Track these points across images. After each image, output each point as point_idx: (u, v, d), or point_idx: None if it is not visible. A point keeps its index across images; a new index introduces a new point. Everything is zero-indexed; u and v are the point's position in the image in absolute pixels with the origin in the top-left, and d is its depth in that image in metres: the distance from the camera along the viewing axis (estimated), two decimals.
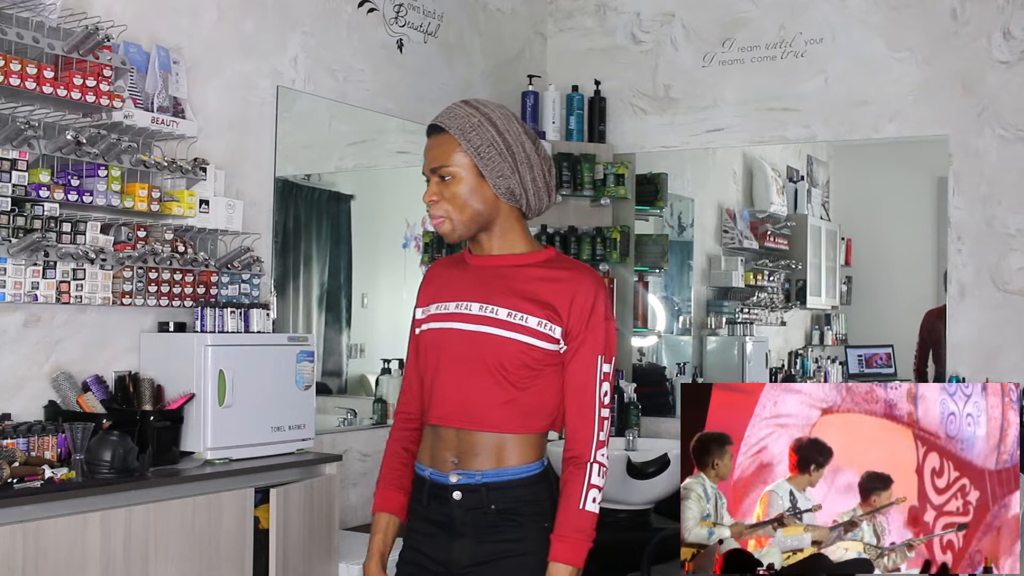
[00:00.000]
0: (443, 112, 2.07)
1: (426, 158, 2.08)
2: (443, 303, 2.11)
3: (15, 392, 2.94)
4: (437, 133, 2.06)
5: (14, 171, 2.78)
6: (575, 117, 4.95)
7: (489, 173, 2.03)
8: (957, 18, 4.31)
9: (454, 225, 2.06)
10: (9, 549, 2.41)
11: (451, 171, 2.03)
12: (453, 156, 2.03)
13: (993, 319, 4.19)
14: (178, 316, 3.28)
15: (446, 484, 2.05)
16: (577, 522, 1.98)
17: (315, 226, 4.25)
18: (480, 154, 2.02)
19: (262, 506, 3.06)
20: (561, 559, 1.97)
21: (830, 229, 5.21)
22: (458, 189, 2.04)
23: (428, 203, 2.08)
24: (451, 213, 2.05)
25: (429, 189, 2.07)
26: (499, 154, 2.03)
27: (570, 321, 2.02)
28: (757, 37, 4.73)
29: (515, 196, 2.06)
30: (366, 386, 4.46)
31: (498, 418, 2.02)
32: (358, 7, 4.17)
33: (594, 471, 2.00)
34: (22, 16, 2.84)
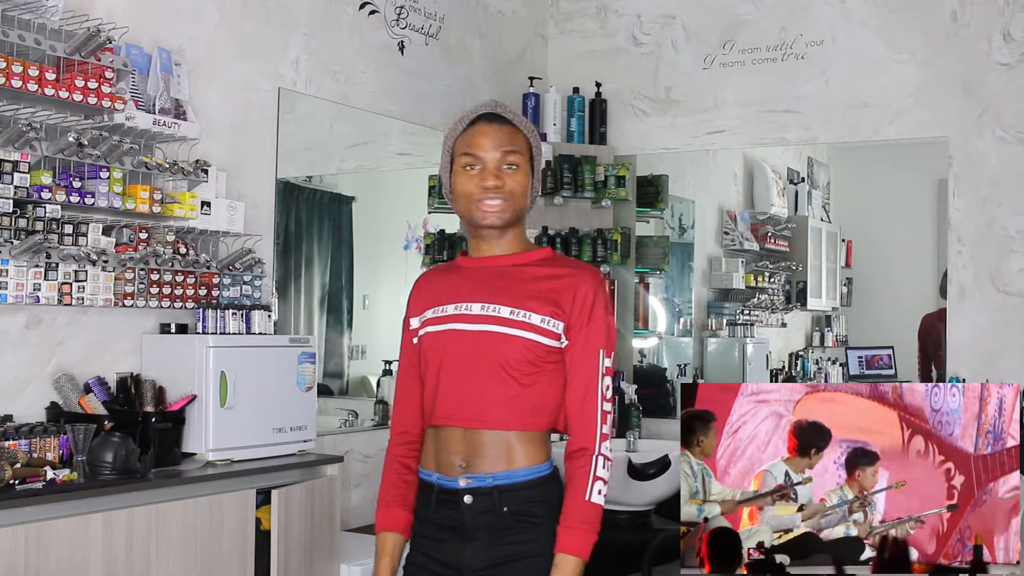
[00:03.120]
0: (501, 104, 2.13)
1: (492, 141, 2.07)
2: (440, 307, 2.12)
3: (17, 393, 2.94)
4: (500, 123, 2.10)
5: (16, 173, 2.79)
6: (576, 119, 4.95)
7: (537, 173, 2.13)
8: (957, 20, 4.32)
9: (506, 209, 2.08)
10: (11, 550, 2.42)
11: (519, 161, 2.08)
12: (523, 147, 2.10)
13: (993, 321, 4.19)
14: (180, 318, 3.28)
15: (456, 488, 2.04)
16: (583, 513, 1.98)
17: (316, 228, 4.26)
18: (535, 154, 2.13)
19: (264, 507, 3.06)
20: (568, 550, 1.97)
21: (831, 231, 5.21)
22: (522, 179, 2.09)
23: (490, 187, 2.06)
24: (514, 198, 2.08)
25: (492, 173, 2.06)
26: (541, 157, 2.15)
27: (572, 316, 2.04)
28: (758, 39, 4.74)
29: (534, 199, 2.15)
30: (367, 387, 4.47)
31: (504, 415, 2.02)
32: (359, 9, 4.18)
33: (599, 463, 2.00)
34: (24, 18, 2.85)
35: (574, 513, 1.99)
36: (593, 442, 2.01)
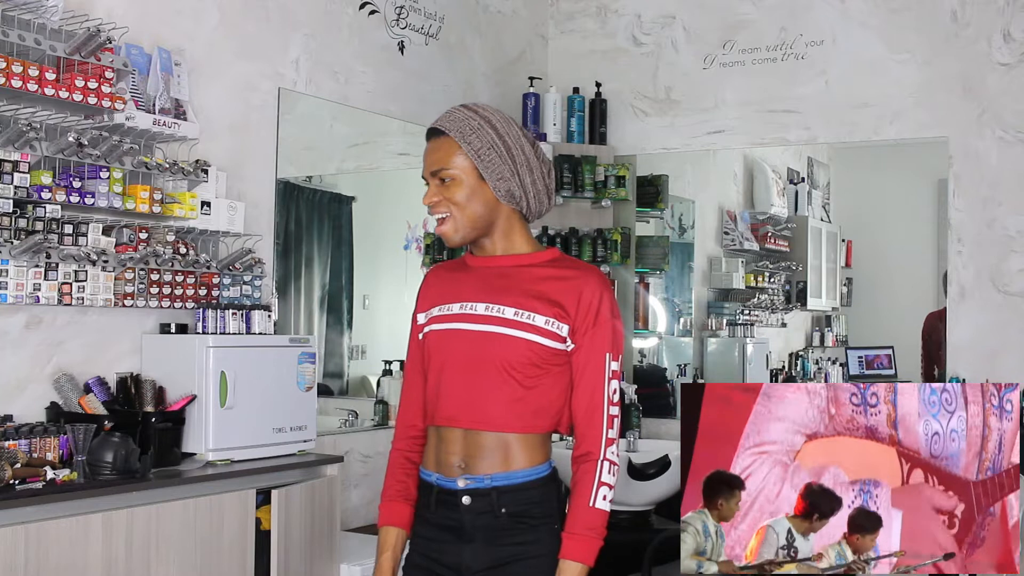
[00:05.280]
0: (442, 116, 2.08)
1: (426, 162, 2.08)
2: (446, 305, 2.10)
3: (17, 394, 2.94)
4: (436, 136, 2.07)
5: (16, 173, 2.79)
6: (576, 119, 4.95)
7: (489, 175, 2.04)
8: (957, 20, 4.32)
9: (456, 227, 2.06)
10: (11, 550, 2.42)
11: (451, 173, 2.04)
12: (453, 159, 2.04)
13: (993, 321, 4.19)
14: (180, 318, 3.28)
15: (454, 489, 2.03)
16: (588, 519, 1.98)
17: (316, 228, 4.26)
18: (480, 156, 2.03)
19: (264, 507, 3.06)
20: (572, 556, 1.97)
21: (831, 231, 5.21)
22: (459, 191, 2.04)
23: (429, 205, 2.08)
24: (453, 214, 2.05)
25: (429, 192, 2.08)
26: (499, 156, 2.04)
27: (577, 319, 2.02)
28: (758, 39, 4.74)
29: (515, 198, 2.07)
30: (367, 387, 4.46)
31: (506, 417, 2.01)
32: (359, 9, 4.18)
33: (604, 468, 2.00)
34: (24, 18, 2.85)
35: (579, 519, 1.98)
36: (599, 447, 2.00)
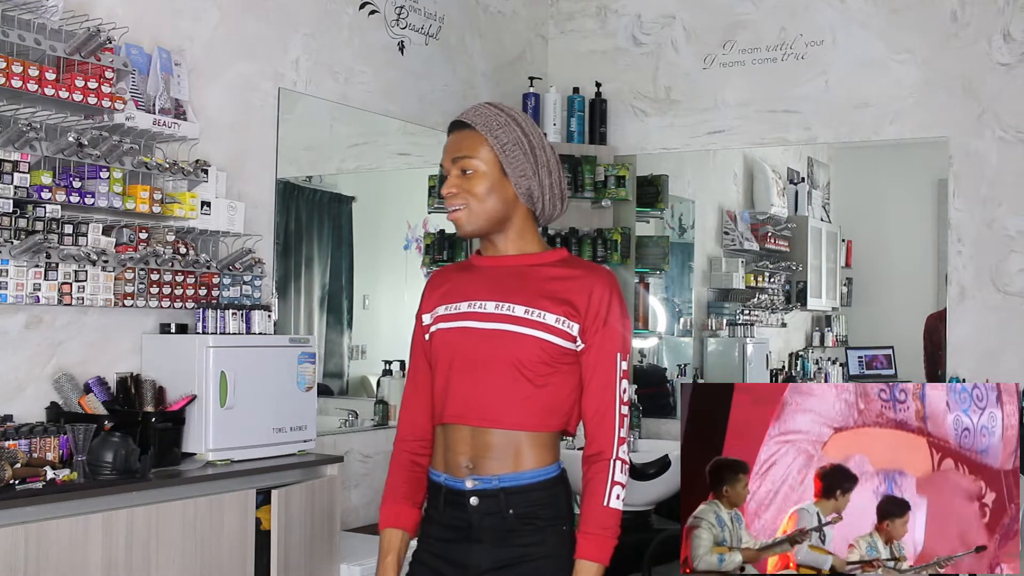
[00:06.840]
0: (468, 110, 2.08)
1: (448, 151, 2.07)
2: (453, 304, 2.09)
3: (17, 393, 2.94)
4: (461, 129, 2.07)
5: (16, 173, 2.79)
6: (576, 119, 4.95)
7: (512, 171, 2.04)
8: (957, 20, 4.32)
9: (471, 218, 2.05)
10: (11, 550, 2.42)
11: (475, 164, 2.03)
12: (479, 150, 2.03)
13: (993, 321, 4.19)
14: (180, 318, 3.28)
15: (462, 490, 2.03)
16: (602, 519, 1.97)
17: (316, 228, 4.26)
18: (505, 151, 2.03)
19: (264, 507, 3.06)
20: (588, 556, 1.96)
21: (831, 231, 5.21)
22: (480, 184, 2.03)
23: (447, 195, 2.06)
24: (471, 205, 2.04)
25: (449, 181, 2.06)
26: (523, 153, 2.04)
27: (587, 318, 2.01)
28: (758, 39, 4.74)
29: (533, 198, 2.07)
30: (367, 387, 4.47)
31: (515, 416, 2.00)
32: (359, 9, 4.18)
33: (617, 468, 1.99)
34: (24, 18, 2.85)
35: (593, 518, 1.98)
36: (611, 446, 2.00)
